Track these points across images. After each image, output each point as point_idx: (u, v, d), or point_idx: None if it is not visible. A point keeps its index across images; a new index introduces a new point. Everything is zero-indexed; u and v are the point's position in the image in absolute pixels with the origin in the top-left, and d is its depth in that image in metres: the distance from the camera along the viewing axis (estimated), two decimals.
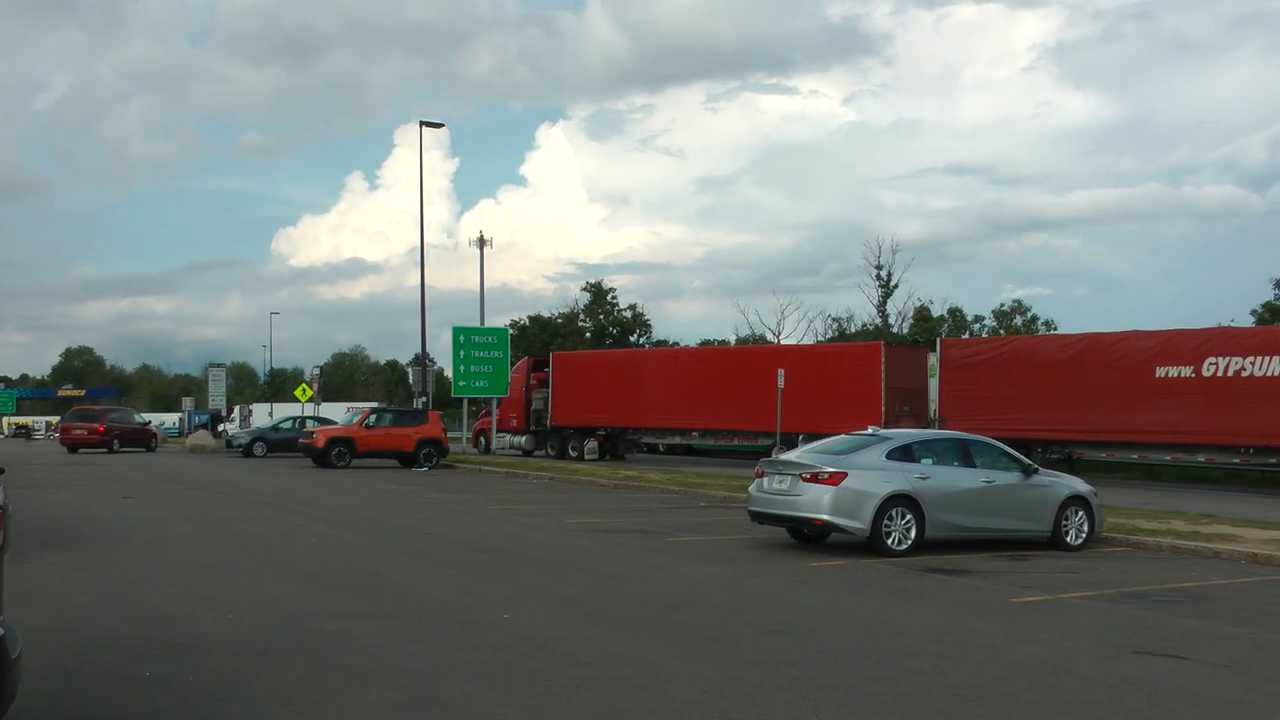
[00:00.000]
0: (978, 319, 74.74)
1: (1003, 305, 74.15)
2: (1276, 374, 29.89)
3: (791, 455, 17.61)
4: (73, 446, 52.38)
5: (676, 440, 45.67)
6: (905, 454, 16.46)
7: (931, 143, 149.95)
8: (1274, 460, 30.31)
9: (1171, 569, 15.41)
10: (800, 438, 36.18)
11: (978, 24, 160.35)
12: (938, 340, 40.85)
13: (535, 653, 9.16)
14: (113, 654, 8.86)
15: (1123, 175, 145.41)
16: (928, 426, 34.13)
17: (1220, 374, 30.79)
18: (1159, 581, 14.17)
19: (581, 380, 46.41)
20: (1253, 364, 30.37)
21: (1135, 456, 33.77)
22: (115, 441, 52.98)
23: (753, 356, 46.28)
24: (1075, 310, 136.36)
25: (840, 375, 38.30)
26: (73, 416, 56.54)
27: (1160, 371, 32.01)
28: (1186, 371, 31.47)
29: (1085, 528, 17.22)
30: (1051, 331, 67.66)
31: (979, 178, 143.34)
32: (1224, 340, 32.13)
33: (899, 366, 37.75)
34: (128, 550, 15.38)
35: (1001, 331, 68.93)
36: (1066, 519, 17.10)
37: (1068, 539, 17.04)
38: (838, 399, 36.93)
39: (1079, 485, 17.73)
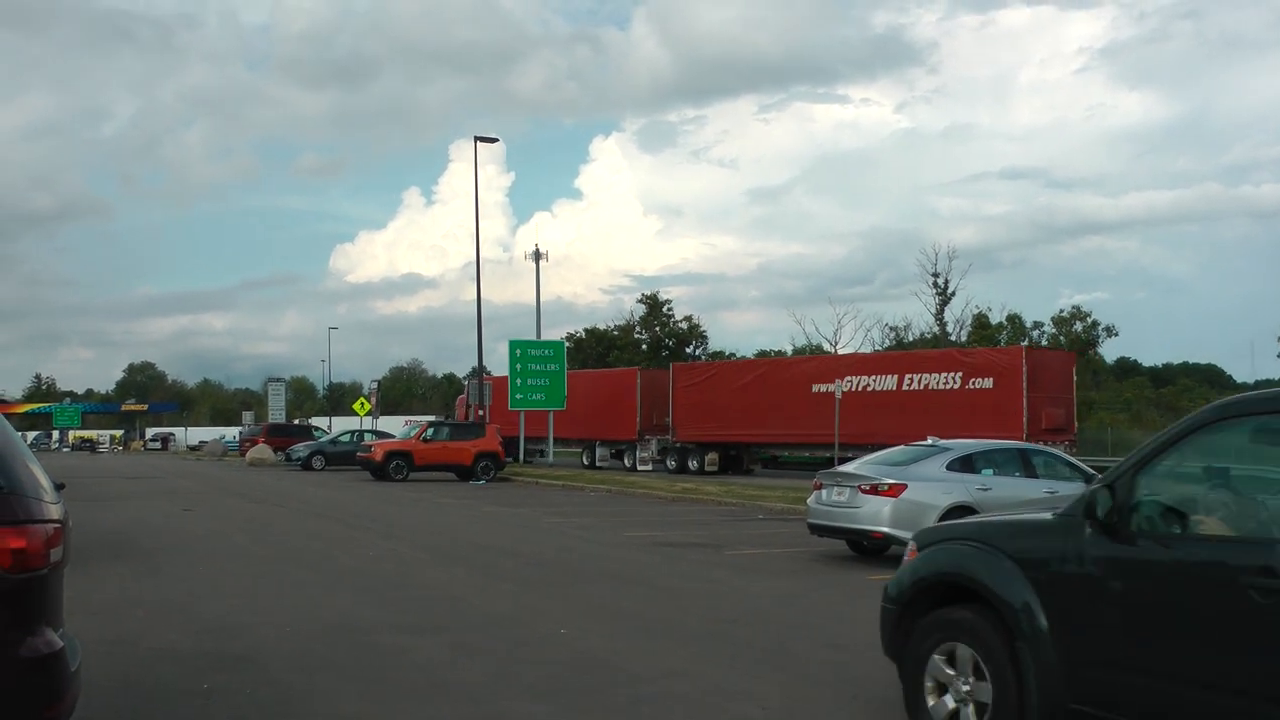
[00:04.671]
0: (1037, 325, 74.09)
1: (1061, 311, 73.35)
2: (888, 389, 38.63)
3: (850, 467, 17.43)
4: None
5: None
6: (966, 464, 16.25)
7: (985, 147, 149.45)
8: None
9: None
10: (597, 444, 48.36)
11: (1023, 29, 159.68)
12: (671, 366, 50.13)
13: (592, 668, 9.09)
14: (171, 666, 8.88)
15: (1179, 176, 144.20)
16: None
17: (857, 390, 38.85)
18: None
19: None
20: (875, 381, 39.28)
21: (807, 454, 41.12)
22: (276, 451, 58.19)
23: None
24: (1136, 313, 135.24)
25: (614, 393, 47.87)
26: (246, 434, 67.42)
27: (815, 388, 40.19)
28: (831, 387, 38.12)
29: None
30: (1112, 337, 67.23)
31: (1033, 182, 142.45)
32: (857, 362, 43.05)
33: (662, 385, 46.33)
34: (186, 563, 15.48)
35: (1061, 338, 68.20)
36: None
37: None
38: (614, 412, 47.02)
39: None
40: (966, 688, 6.35)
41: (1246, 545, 5.33)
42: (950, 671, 6.38)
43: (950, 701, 6.43)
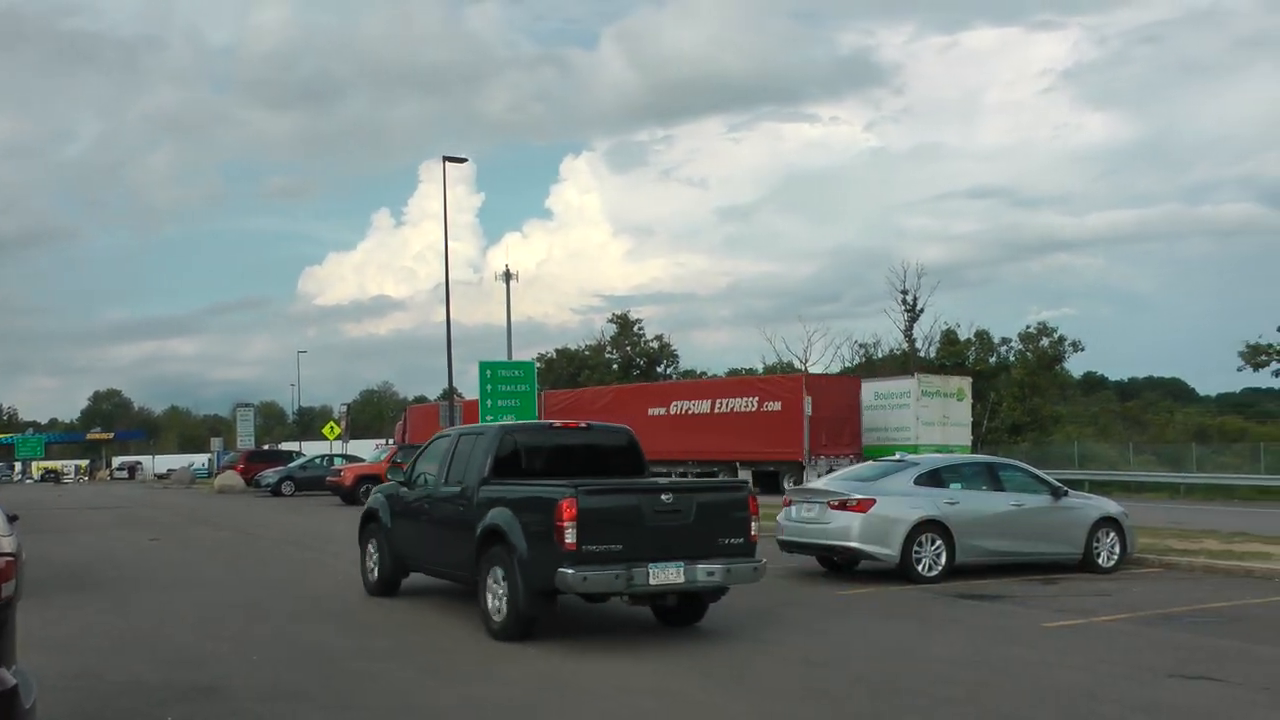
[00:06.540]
0: (1004, 341, 74.18)
1: (1028, 327, 73.42)
2: (705, 412, 44.99)
3: (819, 483, 17.48)
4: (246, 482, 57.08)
5: None
6: (933, 479, 16.31)
7: (952, 167, 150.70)
8: (715, 469, 42.65)
9: (1205, 589, 15.20)
10: None
11: (988, 50, 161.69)
12: (542, 393, 52.93)
13: (560, 688, 9.07)
14: (135, 699, 8.79)
15: (1142, 195, 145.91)
16: None
17: (681, 413, 45.82)
18: (1193, 602, 13.98)
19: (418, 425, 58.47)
20: (695, 405, 45.61)
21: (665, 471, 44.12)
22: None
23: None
24: (1102, 329, 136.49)
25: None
26: (226, 460, 67.81)
27: (651, 411, 46.38)
28: (663, 410, 46.37)
29: (1117, 549, 17.03)
30: (1078, 352, 67.75)
31: (1000, 200, 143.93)
32: (681, 390, 50.68)
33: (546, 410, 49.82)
34: (152, 593, 15.34)
35: (1028, 354, 68.53)
36: (1098, 541, 16.91)
37: (1099, 561, 16.85)
38: None
39: (1110, 506, 17.54)
40: (375, 552, 14.71)
41: (452, 490, 12.73)
42: (374, 548, 14.73)
43: (372, 556, 14.79)
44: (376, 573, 14.69)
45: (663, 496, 10.98)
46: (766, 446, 42.26)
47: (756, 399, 43.35)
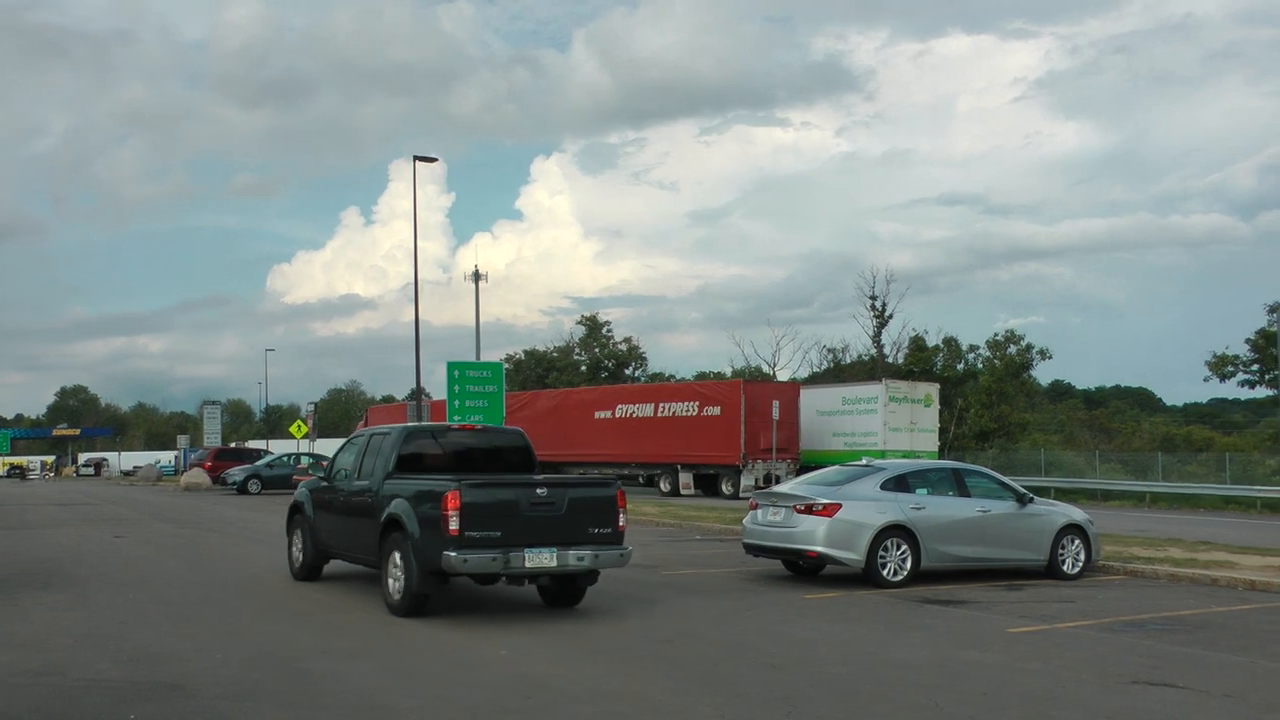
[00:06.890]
0: (972, 348, 74.59)
1: (996, 335, 73.79)
2: (648, 415, 46.40)
3: (785, 487, 17.50)
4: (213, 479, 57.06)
5: None
6: (900, 484, 16.37)
7: (923, 173, 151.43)
8: (658, 471, 46.02)
9: (1169, 597, 15.32)
10: None
11: (960, 58, 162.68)
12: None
13: (530, 690, 9.05)
14: (98, 696, 8.72)
15: (1113, 205, 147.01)
16: None
17: (626, 416, 47.36)
18: (1156, 610, 14.08)
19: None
20: (639, 409, 47.08)
21: (595, 473, 45.27)
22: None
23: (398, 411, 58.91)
24: (1070, 337, 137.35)
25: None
26: (195, 458, 68.13)
27: (597, 414, 48.64)
28: (609, 414, 48.14)
29: (1082, 556, 17.14)
30: (1046, 360, 67.90)
31: (971, 208, 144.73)
32: (625, 394, 51.85)
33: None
34: (116, 590, 15.24)
35: (996, 361, 68.85)
36: (1063, 548, 17.02)
37: (1064, 568, 16.96)
38: None
39: (1075, 514, 17.65)
40: (300, 541, 16.27)
41: (363, 484, 14.26)
42: (299, 537, 16.30)
43: (297, 545, 16.38)
44: (301, 559, 16.32)
45: (538, 490, 12.57)
46: (706, 450, 43.84)
47: (697, 404, 44.85)
